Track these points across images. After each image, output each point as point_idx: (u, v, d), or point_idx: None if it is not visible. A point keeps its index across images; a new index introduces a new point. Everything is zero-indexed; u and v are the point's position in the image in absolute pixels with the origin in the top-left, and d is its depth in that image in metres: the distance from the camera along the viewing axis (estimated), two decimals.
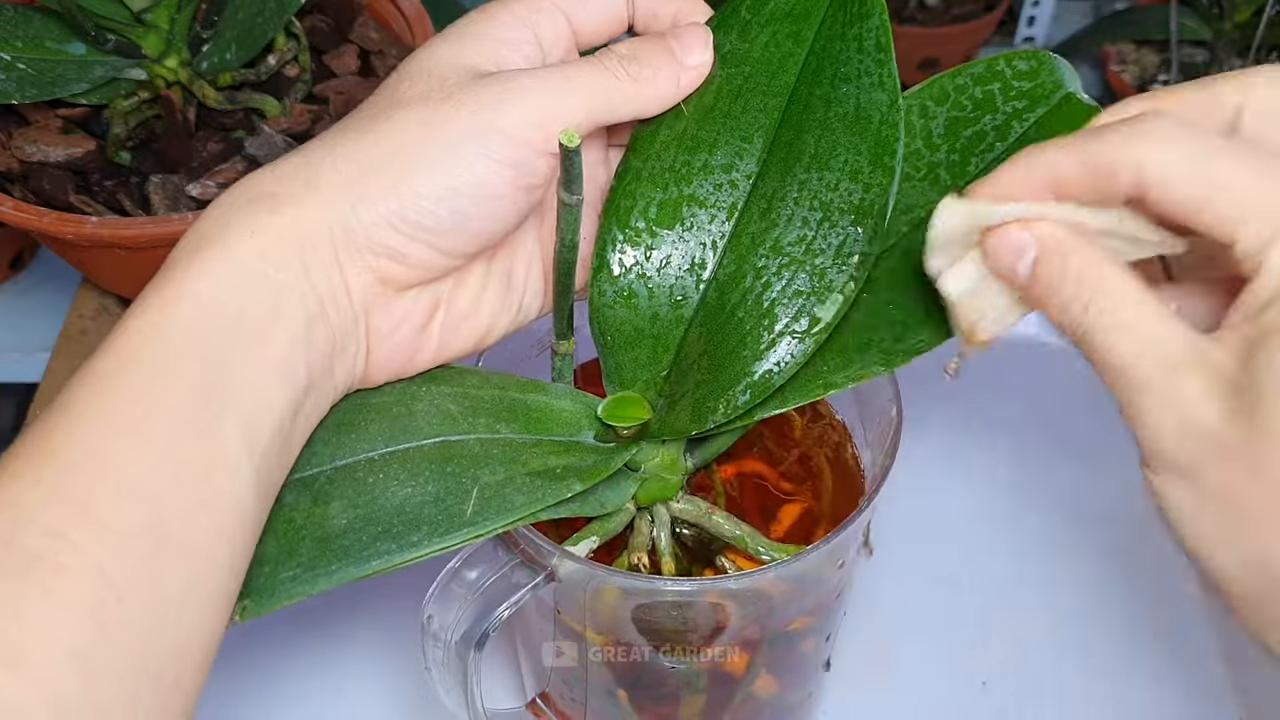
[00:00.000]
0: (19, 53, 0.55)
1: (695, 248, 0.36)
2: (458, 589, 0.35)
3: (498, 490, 0.33)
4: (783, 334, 0.34)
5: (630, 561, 0.38)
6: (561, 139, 0.30)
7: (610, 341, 0.37)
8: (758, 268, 0.35)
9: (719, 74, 0.36)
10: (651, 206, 0.36)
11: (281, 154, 0.59)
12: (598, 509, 0.37)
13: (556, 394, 0.37)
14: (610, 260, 0.36)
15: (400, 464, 0.33)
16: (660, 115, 0.36)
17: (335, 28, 0.64)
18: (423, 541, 0.32)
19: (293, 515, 0.32)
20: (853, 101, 0.35)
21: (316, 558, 0.31)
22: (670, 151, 0.36)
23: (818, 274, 0.34)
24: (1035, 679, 0.50)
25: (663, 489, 0.38)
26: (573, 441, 0.36)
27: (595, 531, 0.37)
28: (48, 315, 0.71)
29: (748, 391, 0.34)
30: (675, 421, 0.35)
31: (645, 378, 0.37)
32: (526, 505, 0.33)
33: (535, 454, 0.35)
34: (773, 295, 0.34)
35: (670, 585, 0.36)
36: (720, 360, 0.35)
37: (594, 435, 0.36)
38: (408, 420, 0.35)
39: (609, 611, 0.37)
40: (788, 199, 0.35)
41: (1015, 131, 0.37)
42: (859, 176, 0.34)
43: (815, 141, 0.35)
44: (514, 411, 0.36)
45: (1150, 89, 1.39)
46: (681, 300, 0.36)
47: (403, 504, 0.32)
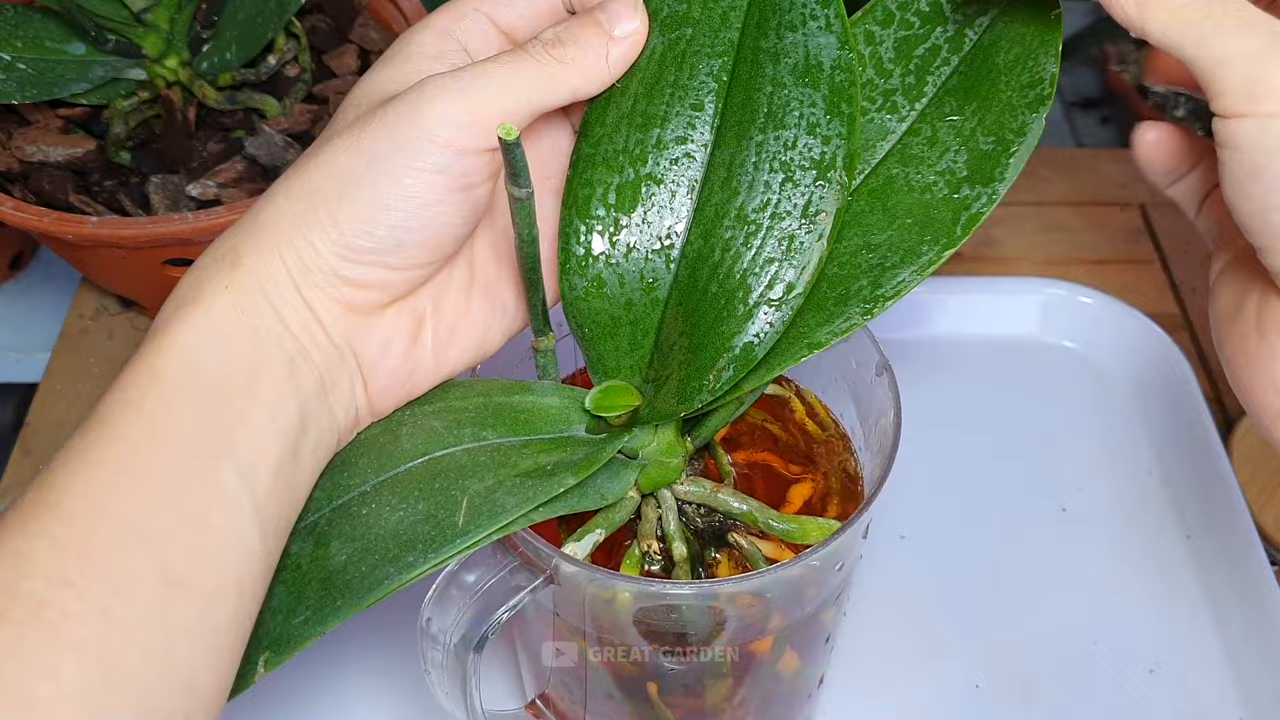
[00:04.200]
0: (19, 53, 0.55)
1: (660, 228, 0.35)
2: (456, 592, 0.35)
3: (487, 496, 0.33)
4: (758, 304, 0.33)
5: (640, 549, 0.38)
6: (499, 133, 0.30)
7: (588, 333, 0.36)
8: (725, 240, 0.34)
9: (659, 40, 0.35)
10: (610, 192, 0.35)
11: (281, 153, 0.59)
12: (599, 501, 0.36)
13: (542, 392, 0.37)
14: (575, 251, 0.36)
15: (390, 491, 0.33)
16: (606, 94, 0.35)
17: (335, 28, 0.64)
18: (418, 561, 0.32)
19: (299, 562, 0.33)
20: (801, 50, 0.33)
21: (323, 598, 0.32)
22: (622, 131, 0.35)
23: (786, 238, 0.33)
24: (1029, 680, 0.50)
25: (665, 473, 0.38)
26: (563, 437, 0.36)
27: (600, 524, 0.37)
28: (48, 315, 0.71)
29: (731, 366, 0.33)
30: (663, 405, 0.35)
31: (629, 364, 0.36)
32: (518, 506, 0.33)
33: (524, 455, 0.34)
34: (743, 266, 0.34)
35: (666, 588, 0.36)
36: (700, 338, 0.34)
37: (585, 428, 0.36)
38: (393, 447, 0.34)
39: (609, 612, 0.37)
40: (747, 164, 0.34)
41: (970, 39, 0.35)
42: (816, 130, 0.33)
43: (768, 99, 0.34)
44: (499, 416, 0.35)
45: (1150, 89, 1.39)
46: (654, 283, 0.36)
47: (396, 528, 0.32)
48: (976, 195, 0.34)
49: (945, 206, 0.34)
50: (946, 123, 0.35)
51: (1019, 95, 0.34)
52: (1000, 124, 0.34)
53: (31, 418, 0.60)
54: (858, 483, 0.43)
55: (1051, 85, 0.34)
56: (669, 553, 0.38)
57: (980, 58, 0.35)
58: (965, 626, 0.52)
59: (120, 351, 0.63)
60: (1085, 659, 0.51)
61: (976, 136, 0.34)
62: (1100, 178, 0.76)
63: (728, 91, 0.35)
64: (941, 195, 0.34)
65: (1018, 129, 0.34)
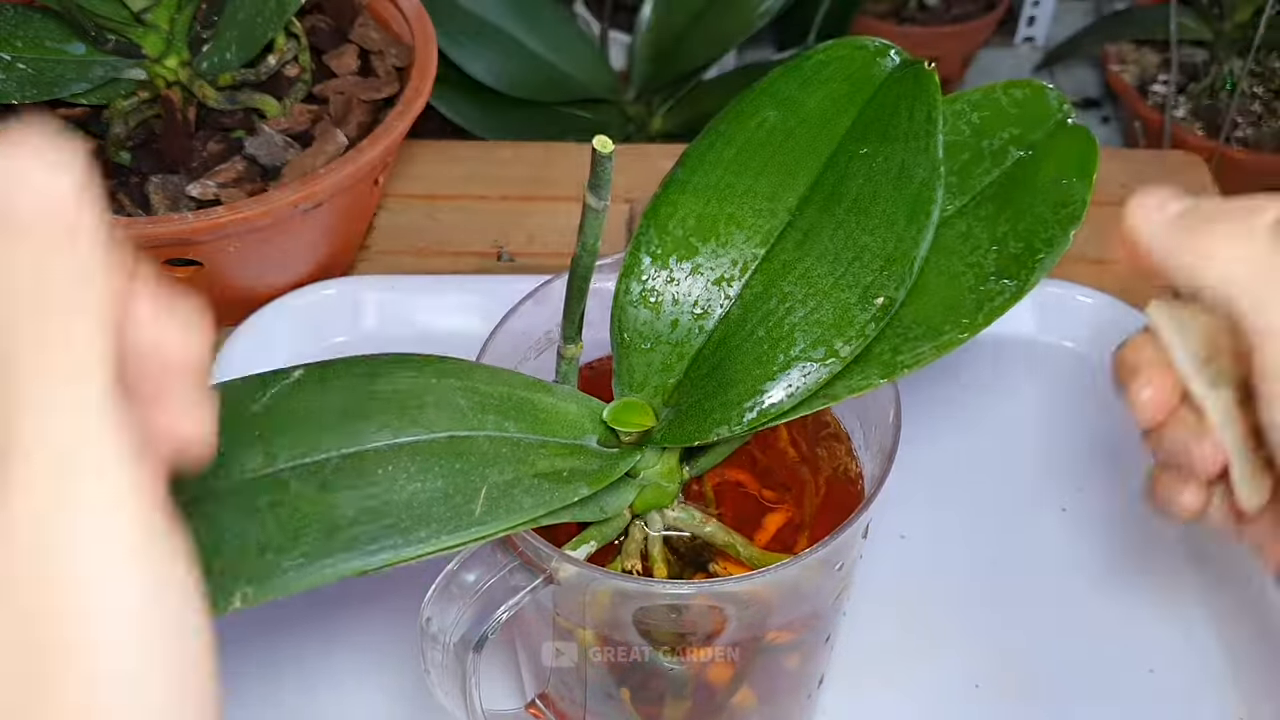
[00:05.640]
0: (19, 53, 0.55)
1: (726, 264, 0.37)
2: (456, 591, 0.35)
3: (506, 491, 0.33)
4: (798, 359, 0.35)
5: (623, 567, 0.38)
6: (595, 144, 0.31)
7: (627, 340, 0.38)
8: (784, 292, 0.36)
9: (774, 114, 0.38)
10: (690, 217, 0.38)
11: (281, 153, 0.59)
12: (597, 514, 0.37)
13: (562, 396, 0.37)
14: (642, 260, 0.38)
15: (410, 457, 0.33)
16: (711, 138, 0.38)
17: (335, 28, 0.64)
18: (430, 538, 0.31)
19: (298, 502, 0.31)
20: (898, 160, 0.36)
21: (321, 549, 0.31)
22: (717, 171, 0.38)
23: (841, 308, 0.35)
24: (1029, 680, 0.50)
25: (659, 497, 0.38)
26: (577, 445, 0.36)
27: (593, 536, 0.38)
28: None
29: (754, 411, 0.34)
30: (679, 432, 0.36)
31: (656, 383, 0.38)
32: (534, 508, 0.33)
33: (542, 455, 0.35)
34: (794, 320, 0.35)
35: (667, 589, 0.36)
36: (732, 376, 0.35)
37: (597, 439, 0.36)
38: (418, 412, 0.34)
39: (606, 613, 0.37)
40: (824, 234, 0.36)
41: (1012, 155, 0.38)
42: (894, 227, 0.35)
43: (858, 188, 0.37)
44: (521, 410, 0.36)
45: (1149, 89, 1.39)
46: (703, 313, 0.37)
47: (411, 499, 0.32)
48: (1001, 290, 0.36)
49: (971, 295, 0.36)
50: (982, 222, 0.38)
51: (1052, 211, 0.37)
52: (1031, 233, 0.37)
53: None
54: (858, 483, 0.43)
55: (1082, 208, 0.37)
56: (649, 571, 0.39)
57: (1021, 172, 0.38)
58: (965, 626, 0.52)
59: None
60: (1085, 659, 0.51)
61: (1008, 240, 0.37)
62: (1100, 178, 0.76)
63: (822, 172, 0.38)
64: (969, 284, 0.36)
65: (1046, 240, 0.36)
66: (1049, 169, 0.38)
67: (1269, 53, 1.31)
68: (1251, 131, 1.26)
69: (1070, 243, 0.36)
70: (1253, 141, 1.25)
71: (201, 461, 0.23)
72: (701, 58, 1.07)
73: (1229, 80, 1.28)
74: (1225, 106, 1.25)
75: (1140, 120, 1.33)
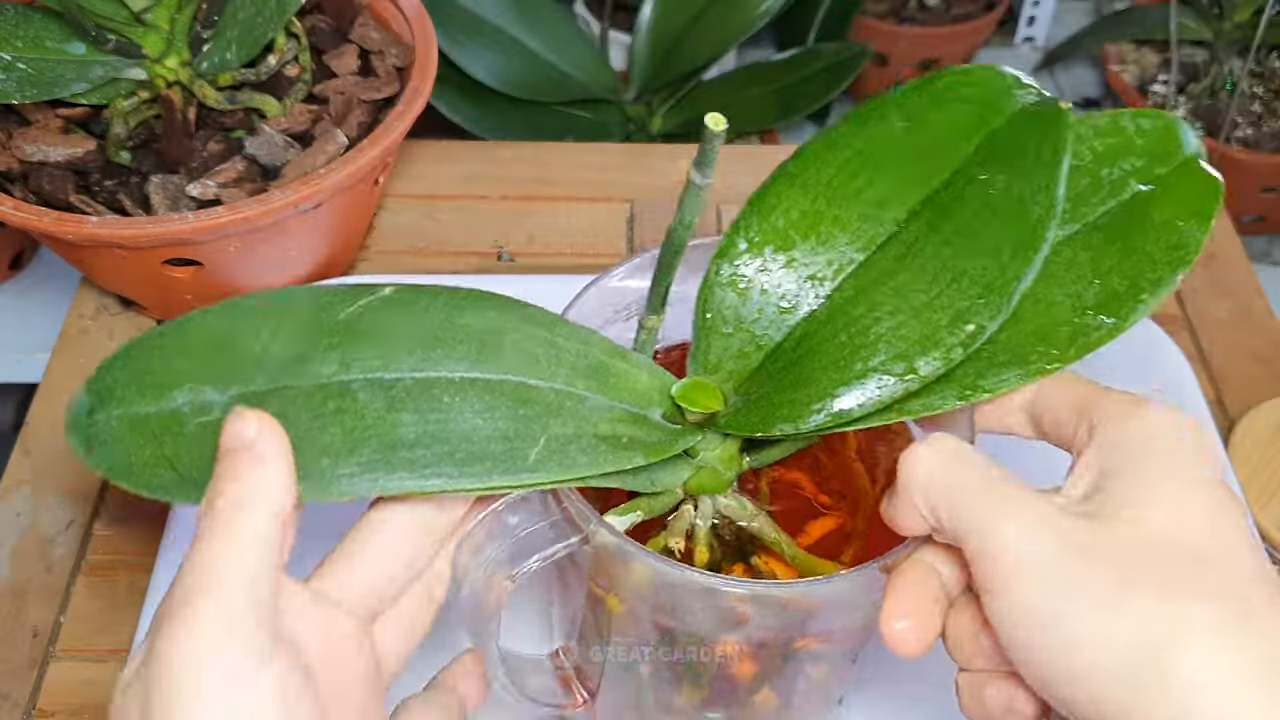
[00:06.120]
0: (19, 53, 0.55)
1: (821, 263, 0.37)
2: (496, 530, 0.35)
3: (563, 445, 0.33)
4: (875, 370, 0.34)
5: (666, 544, 0.38)
6: (708, 121, 0.31)
7: (709, 321, 0.38)
8: (875, 301, 0.35)
9: (900, 125, 0.38)
10: (794, 210, 0.37)
11: (282, 153, 0.59)
12: (648, 486, 0.37)
13: (636, 364, 0.37)
14: (738, 244, 0.38)
15: (479, 393, 0.34)
16: (828, 137, 0.38)
17: (335, 28, 0.64)
18: (483, 475, 0.32)
19: (364, 413, 0.32)
20: (1017, 192, 0.35)
21: (377, 462, 0.32)
22: (830, 170, 0.38)
23: (930, 328, 0.34)
24: None
25: (714, 482, 0.38)
26: (641, 414, 0.36)
27: (641, 507, 0.37)
28: (48, 315, 0.71)
29: (822, 414, 0.34)
30: (744, 420, 0.36)
31: (730, 368, 0.37)
32: (588, 466, 0.33)
33: (605, 418, 0.35)
34: (880, 330, 0.35)
35: (701, 578, 0.35)
36: (806, 375, 0.35)
37: (662, 414, 0.37)
38: (495, 352, 0.35)
39: (637, 587, 0.37)
40: (926, 252, 0.36)
41: (1131, 188, 0.37)
42: (999, 257, 0.34)
43: (971, 212, 0.36)
44: (594, 372, 0.36)
45: (1149, 89, 1.39)
46: (790, 307, 0.37)
47: (472, 433, 0.33)
48: (1098, 325, 0.35)
49: (1065, 326, 0.35)
50: (1089, 253, 0.37)
51: (1163, 252, 0.36)
52: (1138, 271, 0.36)
53: (31, 418, 0.60)
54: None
55: (1195, 252, 0.36)
56: (689, 553, 0.38)
57: (1137, 208, 0.37)
58: None
59: None
60: None
61: (1113, 276, 0.36)
62: None
63: (937, 189, 0.37)
64: (1064, 315, 0.36)
65: (1153, 280, 0.36)
66: (1167, 208, 0.37)
67: (1269, 53, 1.31)
68: (1251, 131, 1.26)
69: (1175, 287, 0.36)
70: (1253, 141, 1.25)
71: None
72: (701, 58, 1.07)
73: (1229, 80, 1.28)
74: (1225, 106, 1.25)
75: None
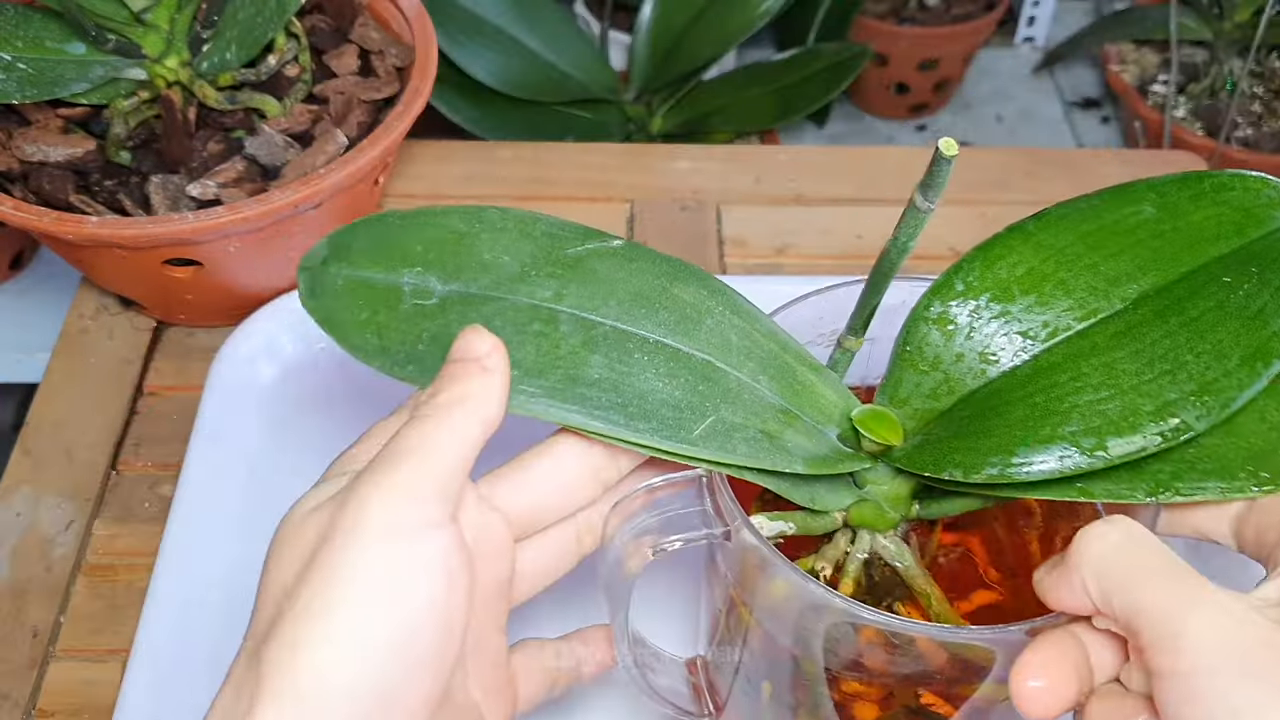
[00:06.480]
0: (19, 53, 0.55)
1: (1037, 324, 0.37)
2: (643, 503, 0.36)
3: (729, 431, 0.34)
4: (1063, 438, 0.33)
5: (813, 566, 0.38)
6: (940, 145, 0.31)
7: (907, 354, 0.37)
8: (1080, 372, 0.35)
9: (1151, 211, 0.38)
10: (1021, 266, 0.37)
11: (282, 153, 0.59)
12: (805, 500, 0.36)
13: (825, 379, 0.37)
14: (955, 285, 0.37)
15: (666, 359, 0.35)
16: (1070, 209, 0.38)
17: (335, 28, 0.64)
18: (646, 433, 0.34)
19: (561, 343, 0.35)
20: (1260, 303, 0.35)
21: (557, 390, 0.34)
22: (1068, 237, 0.38)
23: (1131, 411, 0.33)
24: None
25: (877, 517, 0.37)
26: (815, 428, 0.36)
27: (795, 520, 0.37)
28: (48, 315, 0.71)
29: (996, 469, 0.33)
30: (917, 458, 0.35)
31: (917, 405, 0.37)
32: (747, 456, 0.34)
33: (777, 419, 0.35)
34: (1078, 401, 0.34)
35: (842, 602, 0.34)
36: (991, 427, 0.34)
37: (838, 434, 0.37)
38: (694, 326, 0.36)
39: (773, 600, 0.36)
40: (1147, 336, 0.35)
41: None
42: (1223, 360, 0.34)
43: (1204, 310, 0.35)
44: (782, 373, 0.37)
45: (1149, 89, 1.39)
46: (993, 359, 0.37)
47: (649, 392, 0.34)
48: None
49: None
50: None
51: None
52: None
53: (31, 418, 0.60)
54: None
55: None
56: (834, 582, 0.37)
57: None
58: None
59: (120, 351, 0.63)
60: None
61: None
62: (1100, 178, 0.76)
63: (1175, 281, 0.36)
64: None
65: None
66: None
67: (1269, 53, 1.31)
68: (1251, 131, 1.26)
69: None
70: (1253, 141, 1.25)
71: None
72: (701, 58, 1.07)
73: (1229, 80, 1.28)
74: (1225, 106, 1.25)
75: (1140, 120, 1.33)
